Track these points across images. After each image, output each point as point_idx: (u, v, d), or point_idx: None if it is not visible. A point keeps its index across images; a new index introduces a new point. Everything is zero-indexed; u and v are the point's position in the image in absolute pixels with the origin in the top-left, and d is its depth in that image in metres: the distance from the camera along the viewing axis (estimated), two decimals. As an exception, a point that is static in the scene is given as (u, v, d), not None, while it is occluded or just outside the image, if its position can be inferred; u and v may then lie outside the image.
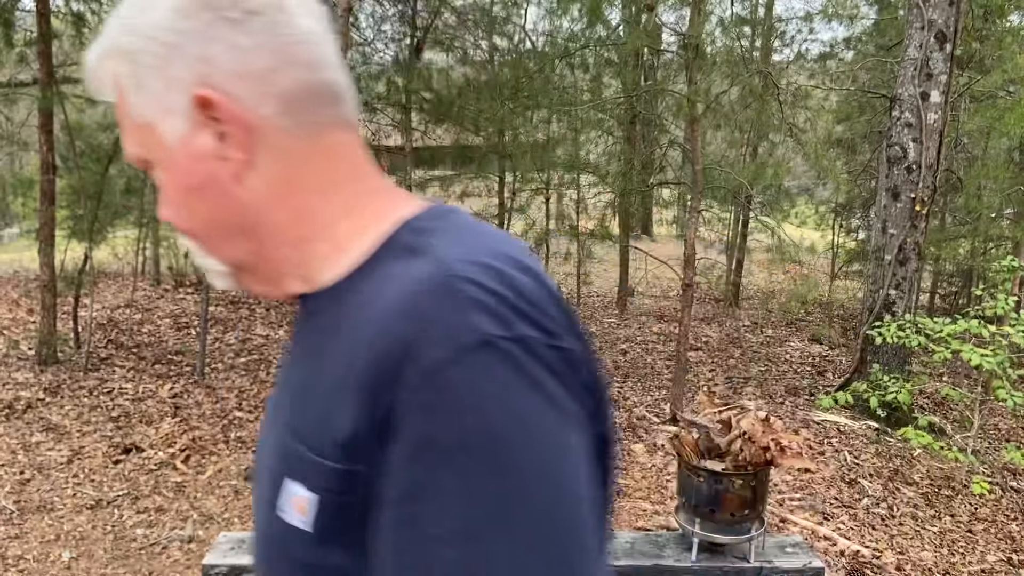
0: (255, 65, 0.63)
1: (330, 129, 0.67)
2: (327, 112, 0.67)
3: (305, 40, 0.65)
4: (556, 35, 7.96)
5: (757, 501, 1.50)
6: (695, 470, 1.50)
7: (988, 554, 3.90)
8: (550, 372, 0.56)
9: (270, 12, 0.64)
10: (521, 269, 0.60)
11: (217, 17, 0.62)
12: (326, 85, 0.66)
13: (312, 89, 0.65)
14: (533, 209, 8.39)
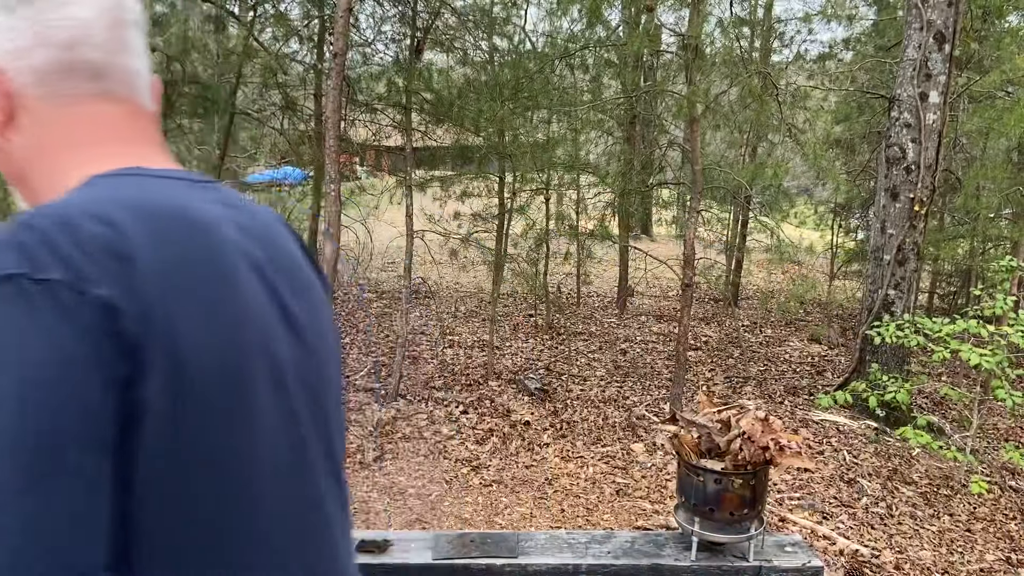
0: (17, 43, 0.76)
1: (86, 100, 0.79)
2: (83, 86, 0.78)
3: (65, 25, 0.76)
4: (556, 36, 7.98)
5: (756, 500, 1.52)
6: (694, 469, 1.51)
7: (987, 553, 3.92)
8: (60, 312, 0.62)
9: (39, 2, 0.76)
10: (106, 223, 0.66)
11: None
12: (83, 63, 0.78)
13: (65, 66, 0.77)
14: (533, 209, 8.39)
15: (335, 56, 4.83)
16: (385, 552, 1.53)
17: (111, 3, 0.80)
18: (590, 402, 6.18)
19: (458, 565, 1.49)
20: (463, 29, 7.99)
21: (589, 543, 1.57)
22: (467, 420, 5.60)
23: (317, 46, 8.23)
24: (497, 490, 4.54)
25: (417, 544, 1.57)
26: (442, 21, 7.74)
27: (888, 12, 9.54)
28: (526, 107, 6.75)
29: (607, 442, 5.35)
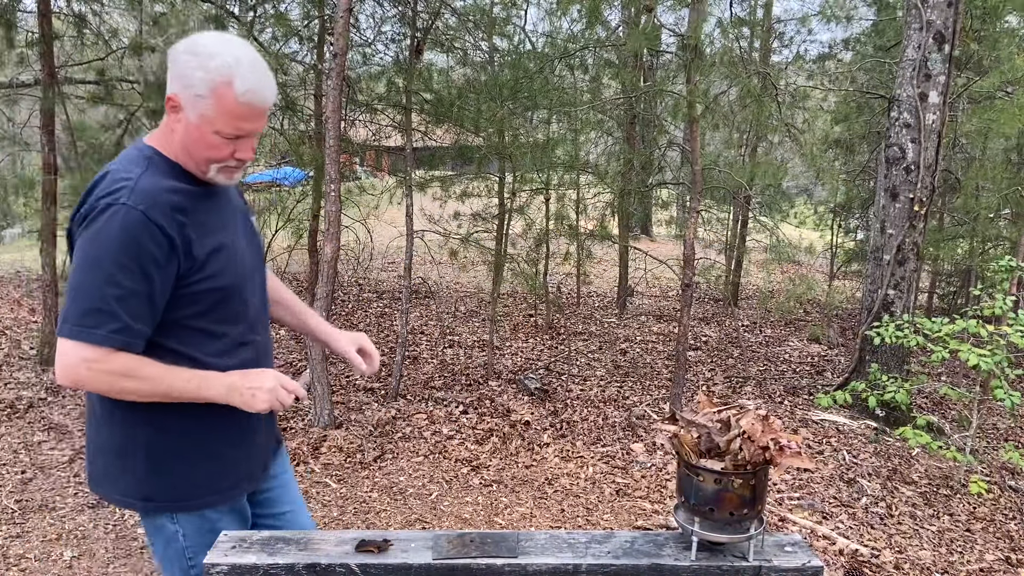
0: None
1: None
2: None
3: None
4: (556, 36, 7.98)
5: (756, 500, 1.52)
6: (694, 469, 1.51)
7: (986, 553, 3.92)
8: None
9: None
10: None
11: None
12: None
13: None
14: (533, 209, 8.39)
15: (335, 56, 4.84)
16: (385, 552, 1.53)
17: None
18: (590, 402, 6.18)
19: (458, 565, 1.49)
20: (463, 29, 7.99)
21: (589, 543, 1.58)
22: (467, 420, 5.60)
23: (317, 46, 8.22)
24: (497, 490, 4.54)
25: (417, 544, 1.57)
26: (442, 21, 7.74)
27: (888, 12, 9.54)
28: (526, 107, 6.75)
29: (607, 442, 5.35)
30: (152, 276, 1.48)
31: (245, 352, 1.70)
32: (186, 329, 1.58)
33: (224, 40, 1.52)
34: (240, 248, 1.71)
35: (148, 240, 1.46)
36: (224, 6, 7.17)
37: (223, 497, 1.69)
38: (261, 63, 1.53)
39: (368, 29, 8.58)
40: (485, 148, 6.94)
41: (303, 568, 1.47)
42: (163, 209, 1.49)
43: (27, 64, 7.37)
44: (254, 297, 1.75)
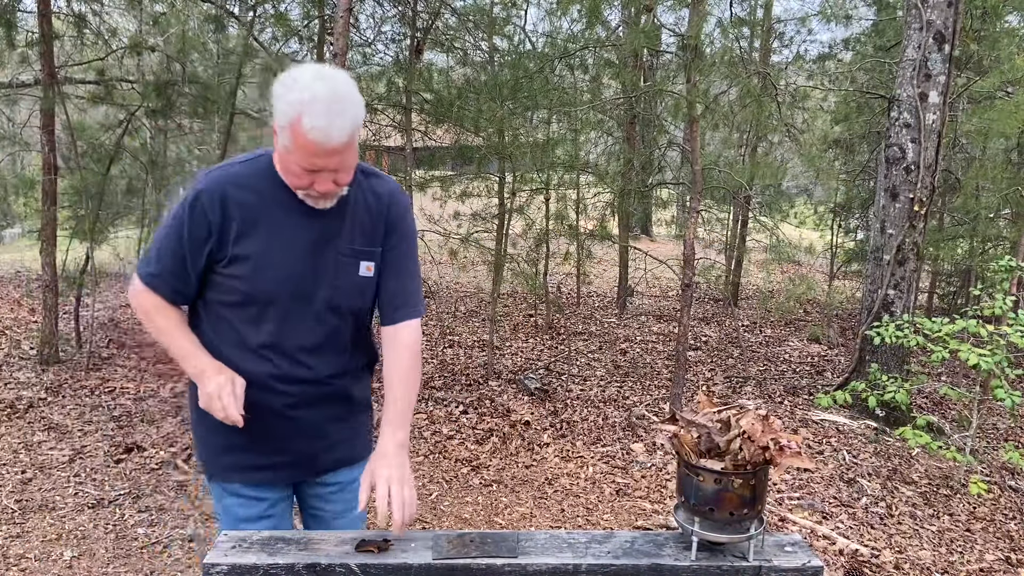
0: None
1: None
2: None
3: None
4: (556, 36, 7.97)
5: (756, 500, 1.52)
6: (694, 469, 1.51)
7: (986, 553, 3.92)
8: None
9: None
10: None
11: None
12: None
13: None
14: (533, 209, 8.39)
15: (335, 56, 4.84)
16: (385, 552, 1.53)
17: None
18: (590, 402, 6.18)
19: (458, 565, 1.49)
20: (463, 29, 7.99)
21: (589, 543, 1.57)
22: (467, 420, 5.60)
23: (317, 46, 8.22)
24: (497, 490, 4.54)
25: (417, 544, 1.57)
26: (442, 21, 7.75)
27: (888, 12, 9.54)
28: (526, 107, 6.75)
29: (607, 442, 5.35)
30: (185, 243, 1.69)
31: (258, 363, 1.75)
32: (214, 312, 1.78)
33: (312, 74, 1.55)
34: (292, 268, 1.72)
35: (193, 214, 1.68)
36: (224, 6, 7.17)
37: (218, 477, 1.87)
38: (340, 101, 1.53)
39: (368, 29, 8.58)
40: (485, 148, 6.94)
41: (303, 568, 1.47)
42: (219, 196, 1.68)
43: (27, 64, 7.37)
44: (292, 320, 1.75)
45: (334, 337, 1.80)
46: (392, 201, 1.82)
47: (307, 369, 1.78)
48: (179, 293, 1.77)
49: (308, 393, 1.80)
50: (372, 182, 1.82)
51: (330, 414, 1.86)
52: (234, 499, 1.87)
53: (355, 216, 1.76)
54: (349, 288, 1.77)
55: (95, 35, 7.24)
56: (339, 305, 1.78)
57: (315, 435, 1.86)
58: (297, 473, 1.91)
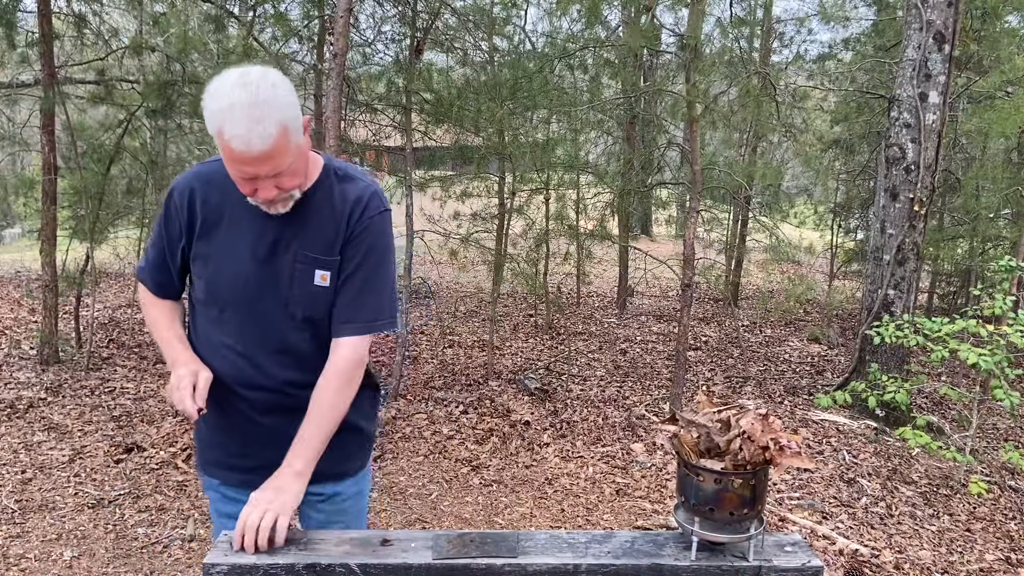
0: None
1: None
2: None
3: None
4: (555, 36, 7.98)
5: (756, 500, 1.51)
6: (694, 469, 1.51)
7: (986, 553, 3.92)
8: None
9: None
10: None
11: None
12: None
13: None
14: (532, 209, 8.39)
15: (335, 56, 4.84)
16: (385, 552, 1.53)
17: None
18: (590, 402, 6.18)
19: (458, 565, 1.49)
20: (463, 29, 7.98)
21: (589, 543, 1.57)
22: (467, 420, 5.60)
23: (317, 46, 8.22)
24: (497, 490, 4.54)
25: (417, 544, 1.57)
26: (442, 21, 7.74)
27: (888, 12, 9.54)
28: (526, 107, 6.75)
29: (607, 442, 5.35)
30: (163, 239, 1.76)
31: (223, 363, 1.75)
32: (194, 309, 1.83)
33: (233, 81, 1.52)
34: (245, 270, 1.70)
35: (167, 211, 1.74)
36: (224, 6, 7.17)
37: (203, 469, 1.92)
38: (260, 107, 1.48)
39: (368, 29, 8.58)
40: (485, 148, 6.94)
41: (303, 568, 1.47)
42: (187, 194, 1.71)
43: (27, 64, 7.37)
44: (248, 324, 1.73)
45: (293, 346, 1.74)
46: (356, 208, 1.70)
47: (264, 375, 1.74)
48: (162, 287, 1.80)
49: (269, 400, 1.76)
50: (344, 187, 1.73)
51: (296, 426, 1.72)
52: (215, 494, 1.89)
53: (317, 221, 1.70)
54: (302, 296, 1.70)
55: (95, 35, 7.24)
56: (294, 313, 1.71)
57: (286, 444, 1.74)
58: (245, 469, 1.84)
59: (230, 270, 1.70)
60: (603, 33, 8.57)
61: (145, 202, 8.56)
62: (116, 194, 7.52)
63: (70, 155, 6.79)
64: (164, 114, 7.05)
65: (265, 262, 1.69)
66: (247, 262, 1.69)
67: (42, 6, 6.00)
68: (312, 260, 1.69)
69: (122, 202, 7.78)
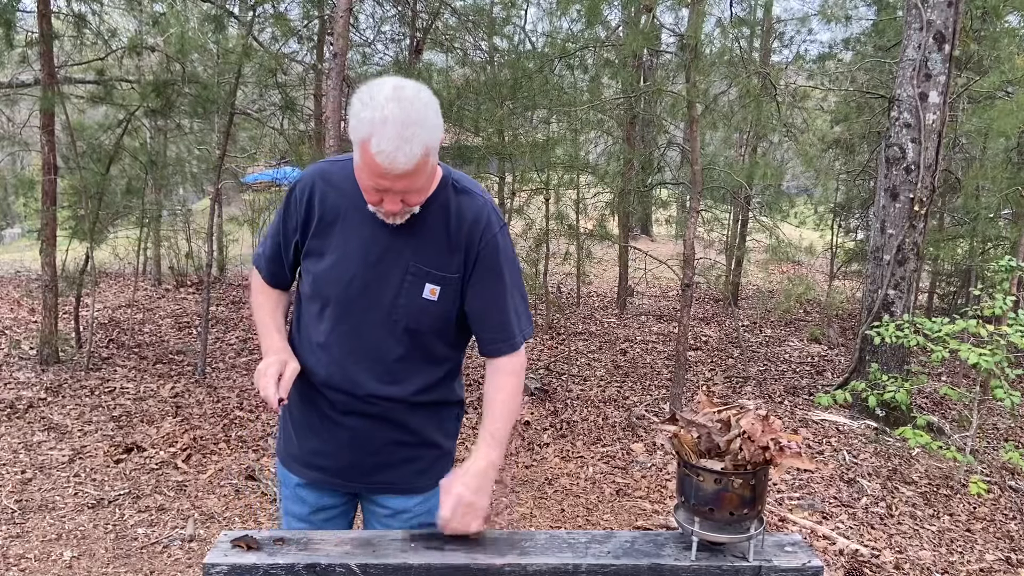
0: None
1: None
2: None
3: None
4: (555, 36, 7.97)
5: (756, 500, 1.51)
6: (694, 469, 1.51)
7: (987, 553, 3.92)
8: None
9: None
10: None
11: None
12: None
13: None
14: (532, 209, 8.39)
15: (335, 56, 4.84)
16: (385, 552, 1.53)
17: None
18: (590, 402, 6.18)
19: (458, 565, 1.49)
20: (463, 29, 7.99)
21: (589, 543, 1.57)
22: (467, 420, 5.60)
23: (317, 46, 8.23)
24: (497, 490, 4.54)
25: (417, 544, 1.57)
26: (442, 21, 7.75)
27: (888, 12, 9.54)
28: (526, 107, 6.76)
29: (607, 442, 5.35)
30: (280, 231, 1.79)
31: (315, 362, 1.76)
32: (300, 303, 1.84)
33: (389, 93, 1.49)
34: (353, 273, 1.70)
35: (288, 204, 1.76)
36: (224, 6, 7.17)
37: (282, 461, 1.92)
38: (412, 127, 1.48)
39: (368, 29, 8.58)
40: (484, 148, 6.94)
41: (303, 568, 1.47)
42: (308, 190, 1.73)
43: (27, 64, 7.37)
44: (344, 326, 1.72)
45: (384, 355, 1.73)
46: (476, 228, 1.69)
47: (350, 382, 1.74)
48: (275, 276, 1.85)
49: (350, 404, 1.75)
50: (461, 200, 1.70)
51: (384, 435, 1.79)
52: (289, 491, 1.89)
53: (433, 235, 1.69)
54: (409, 308, 1.69)
55: (95, 35, 7.23)
56: (396, 323, 1.70)
57: (363, 448, 1.79)
58: (346, 483, 1.85)
59: (339, 268, 1.70)
60: (603, 33, 8.56)
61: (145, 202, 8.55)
62: (116, 194, 7.52)
63: (70, 155, 6.79)
64: (163, 114, 7.06)
65: (374, 267, 1.69)
66: (357, 263, 1.69)
67: (42, 6, 6.00)
68: (424, 273, 1.69)
69: (122, 202, 7.78)
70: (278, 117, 7.93)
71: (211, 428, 5.20)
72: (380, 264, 1.69)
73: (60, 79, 6.72)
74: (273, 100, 8.06)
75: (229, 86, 6.74)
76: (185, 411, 5.50)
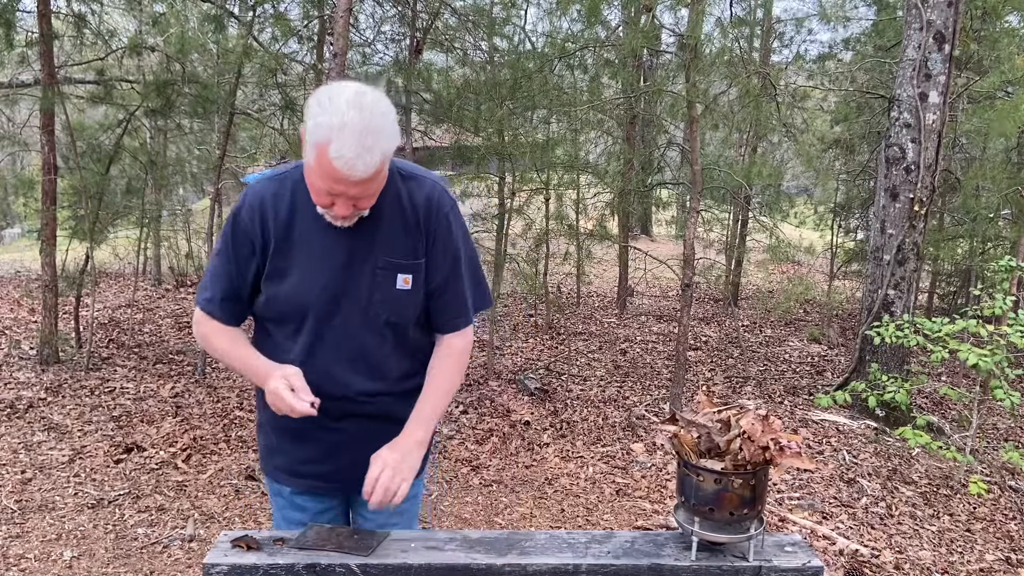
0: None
1: None
2: None
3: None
4: (555, 36, 7.97)
5: (756, 500, 1.52)
6: (694, 469, 1.51)
7: (987, 553, 3.92)
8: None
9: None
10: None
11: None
12: None
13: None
14: (532, 209, 8.39)
15: (335, 56, 4.84)
16: (385, 552, 1.53)
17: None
18: (590, 402, 6.18)
19: (458, 565, 1.49)
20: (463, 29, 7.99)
21: (589, 543, 1.58)
22: (467, 420, 5.60)
23: (317, 46, 8.22)
24: (497, 490, 4.54)
25: (417, 544, 1.57)
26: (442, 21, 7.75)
27: (888, 12, 9.54)
28: (525, 107, 6.75)
29: (607, 442, 5.35)
30: (232, 263, 1.71)
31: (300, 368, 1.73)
32: (260, 326, 1.82)
33: (349, 99, 1.49)
34: (325, 282, 1.69)
35: (236, 233, 1.69)
36: (224, 6, 7.17)
37: (270, 474, 1.92)
38: (372, 135, 1.49)
39: (368, 29, 8.58)
40: (484, 148, 6.94)
41: (303, 568, 1.47)
42: (258, 212, 1.68)
43: (27, 64, 7.37)
44: (325, 336, 1.73)
45: (368, 352, 1.76)
46: (429, 209, 1.73)
47: (336, 384, 1.74)
48: (236, 315, 1.78)
49: (344, 408, 1.77)
50: (410, 186, 1.74)
51: (379, 429, 1.78)
52: (283, 501, 1.89)
53: (391, 227, 1.72)
54: (385, 301, 1.72)
55: (95, 35, 7.24)
56: (376, 318, 1.73)
57: (361, 448, 1.79)
58: (346, 484, 1.85)
59: (309, 281, 1.68)
60: (603, 33, 8.57)
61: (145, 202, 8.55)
62: (116, 194, 7.52)
63: (70, 155, 6.79)
64: (163, 114, 7.05)
65: (344, 270, 1.69)
66: (326, 272, 1.69)
67: (41, 6, 6.00)
68: (394, 266, 1.71)
69: (121, 202, 7.78)
70: (278, 117, 7.93)
71: (211, 428, 5.20)
72: (349, 267, 1.69)
73: (60, 79, 6.72)
74: (273, 100, 8.06)
75: (229, 86, 6.74)
76: (185, 411, 5.50)
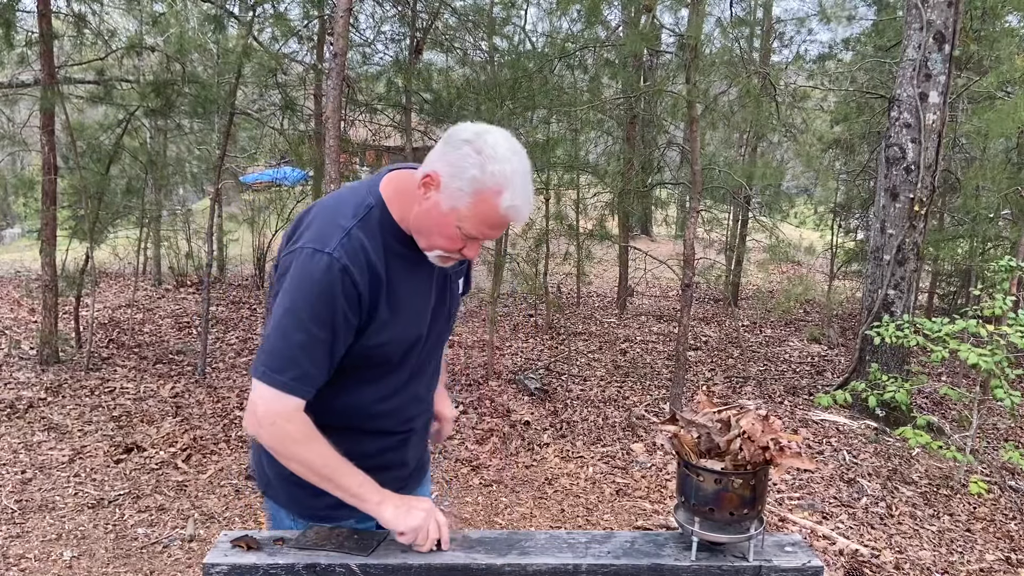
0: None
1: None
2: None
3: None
4: (555, 36, 7.97)
5: (756, 500, 1.51)
6: (694, 469, 1.51)
7: (987, 553, 3.92)
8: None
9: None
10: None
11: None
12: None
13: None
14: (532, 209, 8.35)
15: (335, 56, 4.84)
16: (385, 552, 1.53)
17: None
18: (590, 402, 6.18)
19: (458, 565, 1.49)
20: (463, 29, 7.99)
21: (589, 543, 1.57)
22: (467, 420, 5.60)
23: (317, 46, 8.23)
24: (497, 490, 4.54)
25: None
26: (442, 21, 7.75)
27: (888, 12, 9.54)
28: (525, 107, 6.75)
29: (607, 442, 5.35)
30: (338, 329, 1.49)
31: (395, 402, 1.69)
32: (344, 374, 1.59)
33: (511, 148, 1.49)
34: (421, 313, 1.67)
35: (342, 295, 1.47)
36: (224, 6, 7.17)
37: (285, 506, 1.72)
38: (530, 182, 1.52)
39: (368, 29, 8.58)
40: (485, 148, 6.93)
41: (303, 568, 1.47)
42: (366, 267, 1.50)
43: (27, 64, 7.37)
44: (423, 367, 1.74)
45: (439, 364, 1.85)
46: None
47: (425, 404, 1.82)
48: (318, 391, 1.54)
49: (420, 421, 1.82)
50: None
51: (426, 429, 1.90)
52: (286, 522, 1.72)
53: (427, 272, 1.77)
54: (456, 309, 1.83)
55: (95, 35, 7.23)
56: (450, 330, 1.83)
57: (417, 451, 1.84)
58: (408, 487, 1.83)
59: (414, 321, 1.64)
60: (603, 33, 8.57)
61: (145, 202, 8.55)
62: (116, 194, 7.52)
63: (70, 155, 6.79)
64: (163, 114, 7.06)
65: (438, 302, 1.71)
66: (427, 311, 1.68)
67: (41, 6, 6.00)
68: (456, 274, 1.78)
69: (121, 202, 7.78)
70: (278, 117, 7.94)
71: (211, 428, 5.20)
72: (440, 295, 1.72)
73: (60, 79, 6.72)
74: (273, 100, 8.06)
75: (229, 86, 6.74)
76: (185, 411, 5.50)
